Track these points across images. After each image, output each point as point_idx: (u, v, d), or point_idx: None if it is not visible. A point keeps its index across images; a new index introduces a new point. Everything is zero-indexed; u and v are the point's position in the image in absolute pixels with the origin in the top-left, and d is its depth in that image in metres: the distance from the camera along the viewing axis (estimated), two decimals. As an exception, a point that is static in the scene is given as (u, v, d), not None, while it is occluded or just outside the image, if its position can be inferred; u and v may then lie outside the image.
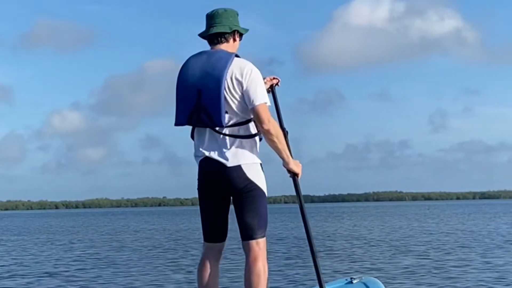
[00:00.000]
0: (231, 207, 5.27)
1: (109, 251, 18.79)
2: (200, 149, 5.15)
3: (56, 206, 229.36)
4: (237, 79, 5.05)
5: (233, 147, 5.10)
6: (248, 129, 5.16)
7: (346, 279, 6.75)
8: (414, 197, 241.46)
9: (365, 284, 6.75)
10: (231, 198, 5.22)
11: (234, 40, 5.30)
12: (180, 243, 21.89)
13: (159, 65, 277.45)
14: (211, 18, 5.24)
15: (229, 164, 5.08)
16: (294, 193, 5.69)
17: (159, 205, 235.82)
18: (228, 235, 5.31)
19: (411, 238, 21.01)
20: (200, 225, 5.36)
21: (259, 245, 5.16)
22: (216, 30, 5.22)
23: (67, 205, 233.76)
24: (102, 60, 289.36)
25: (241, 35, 5.37)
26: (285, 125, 5.68)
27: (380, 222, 36.72)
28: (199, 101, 5.04)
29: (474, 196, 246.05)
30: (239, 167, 5.09)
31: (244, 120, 5.13)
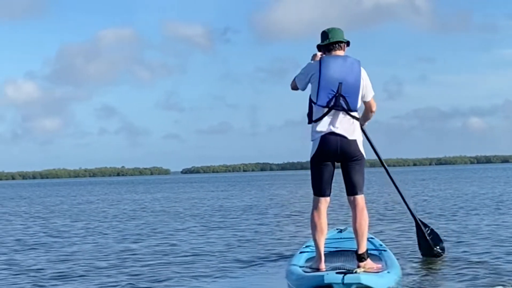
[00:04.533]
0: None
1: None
2: (329, 126, 6.95)
3: (13, 177, 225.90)
4: (363, 79, 7.07)
5: (352, 126, 6.98)
6: (358, 113, 7.12)
7: (336, 229, 8.78)
8: (372, 164, 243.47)
9: (351, 232, 8.18)
10: (337, 164, 7.00)
11: (344, 49, 7.20)
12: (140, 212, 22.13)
13: (115, 34, 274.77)
14: (330, 32, 7.18)
15: (350, 137, 6.95)
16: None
17: (118, 174, 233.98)
18: None
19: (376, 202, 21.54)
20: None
21: (363, 199, 7.09)
22: (337, 39, 7.16)
23: (24, 175, 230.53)
24: (55, 28, 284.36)
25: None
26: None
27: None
28: (340, 90, 6.91)
29: (430, 162, 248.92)
30: (355, 141, 6.99)
31: (358, 107, 7.06)
